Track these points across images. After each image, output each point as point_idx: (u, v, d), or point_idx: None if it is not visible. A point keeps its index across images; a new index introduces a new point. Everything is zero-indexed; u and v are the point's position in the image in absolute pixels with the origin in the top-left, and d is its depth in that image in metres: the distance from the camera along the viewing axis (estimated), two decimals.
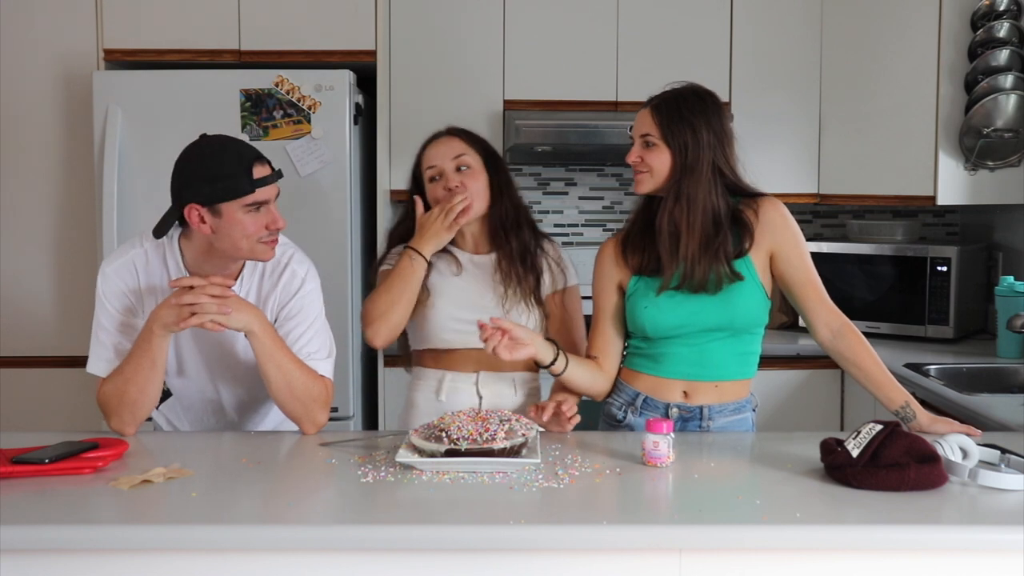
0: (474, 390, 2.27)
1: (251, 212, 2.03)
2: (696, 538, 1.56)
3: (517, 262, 2.27)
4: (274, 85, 3.27)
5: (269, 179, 2.05)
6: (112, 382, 2.05)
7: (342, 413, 3.34)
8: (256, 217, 2.04)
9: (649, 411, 2.18)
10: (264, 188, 2.04)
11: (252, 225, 2.04)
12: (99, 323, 2.12)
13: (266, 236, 2.06)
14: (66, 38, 3.40)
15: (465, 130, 2.35)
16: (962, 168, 3.53)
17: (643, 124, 2.15)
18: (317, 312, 2.18)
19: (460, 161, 2.26)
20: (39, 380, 3.42)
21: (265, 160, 2.07)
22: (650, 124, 2.13)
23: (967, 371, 3.16)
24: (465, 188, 2.23)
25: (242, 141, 2.10)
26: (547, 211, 4.14)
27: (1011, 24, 3.43)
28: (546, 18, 3.72)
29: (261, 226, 2.05)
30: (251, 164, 2.03)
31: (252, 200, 2.02)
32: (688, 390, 2.17)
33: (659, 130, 2.12)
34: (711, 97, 2.16)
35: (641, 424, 2.15)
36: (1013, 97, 3.41)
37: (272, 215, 2.06)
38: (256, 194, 2.02)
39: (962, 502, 1.69)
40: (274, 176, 2.07)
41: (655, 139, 2.12)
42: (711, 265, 2.08)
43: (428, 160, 2.29)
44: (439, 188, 2.25)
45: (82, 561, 1.57)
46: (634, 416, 2.19)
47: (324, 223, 3.29)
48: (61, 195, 3.42)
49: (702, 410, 2.17)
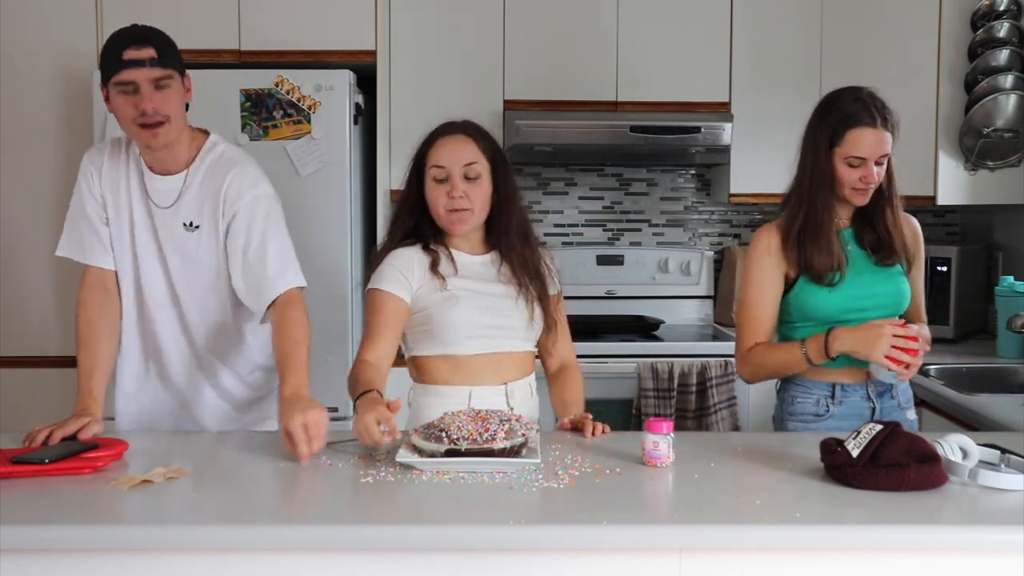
0: (504, 402, 2.18)
1: (124, 94, 2.09)
2: (696, 538, 1.56)
3: (520, 269, 2.23)
4: (274, 85, 3.27)
5: (137, 63, 2.07)
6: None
7: (342, 413, 3.33)
8: (128, 99, 2.09)
9: (848, 396, 2.26)
10: (131, 69, 2.07)
11: (124, 106, 2.10)
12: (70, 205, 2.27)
13: (139, 119, 2.10)
14: (66, 38, 3.40)
15: (478, 128, 2.24)
16: (962, 168, 3.54)
17: (885, 144, 2.21)
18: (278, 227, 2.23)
19: (470, 170, 2.16)
20: (39, 380, 3.41)
21: (149, 44, 2.09)
22: (888, 142, 2.21)
23: (967, 371, 3.16)
24: (467, 199, 2.16)
25: (140, 26, 2.16)
26: (547, 211, 4.14)
27: (1011, 24, 3.43)
28: (546, 18, 3.72)
29: (131, 106, 2.09)
30: (125, 46, 2.08)
31: (119, 79, 2.08)
32: (870, 370, 2.23)
33: (892, 141, 2.22)
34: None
35: (845, 414, 2.25)
36: (1013, 97, 3.41)
37: (142, 96, 2.08)
38: (121, 73, 2.07)
39: (962, 502, 1.69)
40: (146, 62, 2.07)
41: (890, 154, 2.23)
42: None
43: (437, 158, 2.18)
44: (442, 192, 2.16)
45: (82, 561, 1.57)
46: (836, 407, 2.26)
47: (324, 223, 3.29)
48: (61, 195, 3.41)
49: (889, 384, 2.26)
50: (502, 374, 2.19)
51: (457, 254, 2.22)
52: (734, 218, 4.17)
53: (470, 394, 2.16)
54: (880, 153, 2.20)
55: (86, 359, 2.16)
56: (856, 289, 2.25)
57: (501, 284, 2.21)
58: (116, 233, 2.25)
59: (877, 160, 2.21)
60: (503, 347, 2.19)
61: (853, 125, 2.19)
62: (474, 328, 2.16)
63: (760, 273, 2.28)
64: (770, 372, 2.31)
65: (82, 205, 2.25)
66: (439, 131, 2.23)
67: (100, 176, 2.25)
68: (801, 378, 2.30)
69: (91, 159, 2.28)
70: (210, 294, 2.27)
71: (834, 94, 2.29)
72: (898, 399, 2.31)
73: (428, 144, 2.22)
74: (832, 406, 2.27)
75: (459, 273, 2.20)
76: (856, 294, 2.24)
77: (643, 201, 4.17)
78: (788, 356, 2.24)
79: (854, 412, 2.26)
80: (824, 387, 2.28)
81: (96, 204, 2.25)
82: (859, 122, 2.19)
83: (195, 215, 2.23)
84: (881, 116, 2.20)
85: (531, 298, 2.21)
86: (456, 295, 2.16)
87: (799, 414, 2.29)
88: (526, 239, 2.26)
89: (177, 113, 2.15)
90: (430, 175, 2.18)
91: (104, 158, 2.27)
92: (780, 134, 3.78)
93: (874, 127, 2.19)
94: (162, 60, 2.10)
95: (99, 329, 2.20)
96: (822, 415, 2.27)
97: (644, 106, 3.69)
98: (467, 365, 2.17)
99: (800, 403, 2.30)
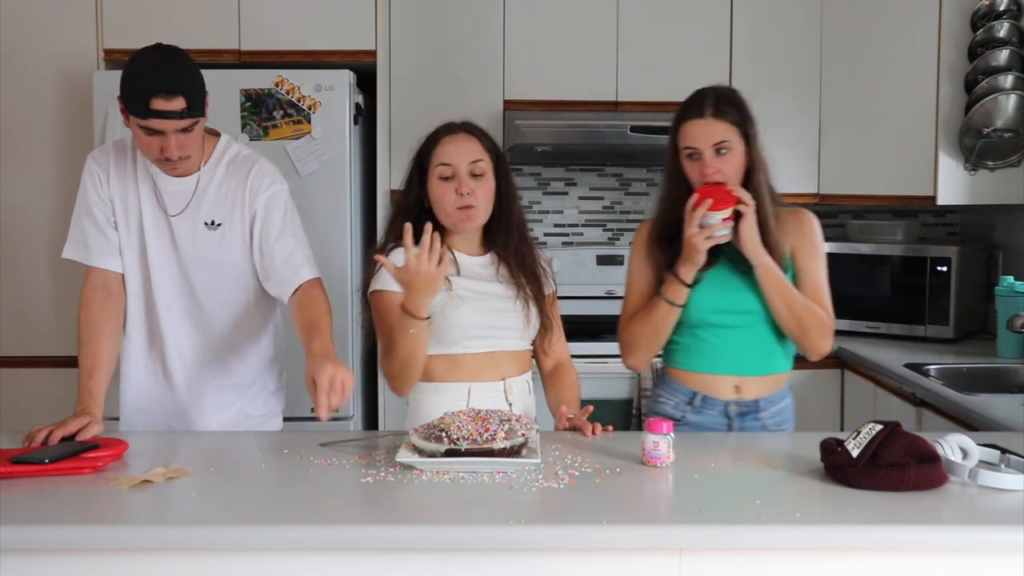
0: (503, 398, 2.20)
1: (148, 134, 2.10)
2: (696, 538, 1.56)
3: (518, 270, 2.23)
4: (274, 85, 3.27)
5: (166, 115, 2.06)
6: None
7: (342, 413, 3.34)
8: (153, 139, 2.10)
9: (707, 408, 2.24)
10: (159, 120, 2.06)
11: (147, 144, 2.12)
12: (75, 208, 2.27)
13: (161, 158, 2.13)
14: (66, 38, 3.40)
15: (480, 129, 2.25)
16: (962, 168, 3.53)
17: (715, 132, 2.14)
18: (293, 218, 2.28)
19: (476, 167, 2.17)
20: (39, 380, 3.42)
21: (179, 94, 2.05)
22: (725, 129, 2.14)
23: (967, 371, 3.16)
24: (475, 196, 2.16)
25: (171, 73, 2.08)
26: (547, 211, 4.14)
27: (1011, 24, 3.43)
28: (546, 18, 3.73)
29: (156, 148, 2.11)
30: (154, 94, 2.03)
31: (144, 125, 2.08)
32: (740, 384, 2.22)
33: (736, 130, 2.15)
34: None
35: (700, 423, 2.23)
36: (1013, 97, 3.40)
37: (166, 142, 2.10)
38: (148, 121, 2.07)
39: (962, 502, 1.68)
40: (173, 114, 2.06)
41: (733, 141, 2.15)
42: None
43: (444, 156, 2.17)
44: (450, 189, 2.16)
45: (82, 561, 1.57)
46: (693, 415, 2.24)
47: (324, 223, 3.29)
48: (61, 195, 3.42)
49: (757, 403, 2.23)
50: (500, 371, 2.19)
51: (457, 254, 2.23)
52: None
53: (469, 390, 2.16)
54: (712, 141, 2.14)
55: (87, 359, 2.17)
56: (725, 289, 2.21)
57: (500, 284, 2.22)
58: (125, 235, 2.26)
59: (718, 151, 2.15)
60: (501, 346, 2.19)
61: (684, 120, 2.18)
62: (474, 329, 2.16)
63: (634, 268, 2.30)
64: (646, 332, 2.24)
65: (88, 207, 2.26)
66: (442, 131, 2.23)
67: (108, 178, 2.26)
68: (671, 378, 2.29)
69: (96, 161, 2.28)
70: (233, 288, 2.29)
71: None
72: (764, 421, 2.25)
73: (432, 143, 2.22)
74: (688, 413, 2.25)
75: (460, 274, 2.20)
76: (726, 294, 2.21)
77: (643, 201, 4.16)
78: (653, 307, 2.22)
79: (709, 424, 2.23)
80: (686, 392, 2.26)
81: (104, 206, 2.26)
82: (687, 116, 2.17)
83: (217, 213, 2.25)
84: (713, 107, 2.15)
85: (528, 298, 2.21)
86: (461, 296, 2.16)
87: (659, 413, 2.28)
88: (524, 238, 2.27)
89: (197, 148, 2.20)
90: (436, 173, 2.18)
91: (111, 161, 2.27)
92: (780, 134, 3.81)
93: (701, 117, 2.15)
94: (191, 111, 2.09)
95: (101, 330, 2.21)
96: (678, 420, 2.24)
97: (644, 106, 3.70)
98: (465, 363, 2.17)
99: (662, 403, 2.29)
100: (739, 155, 2.17)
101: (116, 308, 2.26)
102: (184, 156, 2.14)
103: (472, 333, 2.16)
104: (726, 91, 2.22)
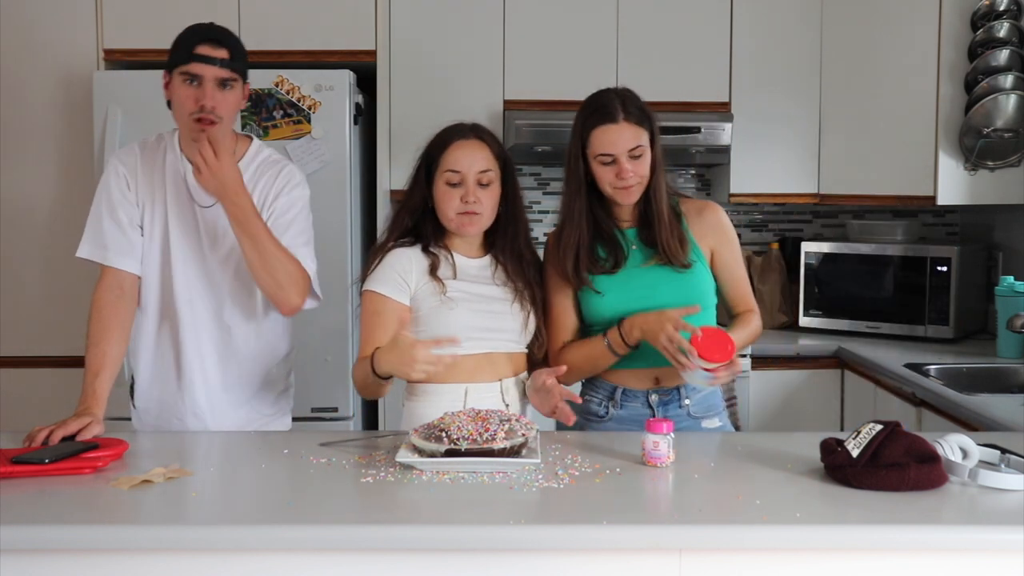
0: (500, 399, 2.20)
1: (187, 84, 2.16)
2: (696, 538, 1.56)
3: (515, 272, 2.23)
4: (274, 85, 3.27)
5: (209, 59, 2.15)
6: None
7: (342, 413, 3.34)
8: (189, 90, 2.16)
9: (629, 401, 2.24)
10: (201, 64, 2.15)
11: (184, 95, 2.17)
12: (94, 207, 2.27)
13: (196, 112, 2.16)
14: (66, 38, 3.41)
15: (490, 133, 2.25)
16: (962, 168, 3.53)
17: (630, 137, 2.15)
18: (307, 221, 2.34)
19: (484, 177, 2.17)
20: (39, 380, 3.42)
21: (224, 46, 2.18)
22: (637, 134, 2.16)
23: (967, 371, 3.16)
24: (480, 204, 2.16)
25: (219, 27, 2.24)
26: (547, 211, 4.14)
27: (1011, 24, 3.43)
28: (546, 18, 3.73)
29: (192, 99, 2.16)
30: (200, 42, 2.16)
31: (186, 69, 2.15)
32: (659, 376, 2.23)
33: (646, 133, 2.18)
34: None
35: (625, 417, 2.22)
36: (1013, 97, 3.41)
37: (205, 91, 2.15)
38: (190, 65, 2.15)
39: (962, 502, 1.68)
40: (217, 60, 2.16)
41: (645, 144, 2.17)
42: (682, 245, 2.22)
43: (453, 163, 2.17)
44: (455, 195, 2.15)
45: (82, 561, 1.57)
46: (616, 410, 2.24)
47: (324, 223, 3.26)
48: (61, 195, 3.42)
49: (679, 390, 2.23)
50: (497, 371, 2.19)
51: (456, 256, 2.23)
52: (734, 218, 4.16)
53: (466, 391, 2.16)
54: (628, 147, 2.15)
55: (94, 359, 2.16)
56: (634, 290, 2.20)
57: (497, 287, 2.22)
58: (148, 235, 2.26)
59: (632, 155, 2.16)
60: (497, 348, 2.19)
61: (595, 125, 2.18)
62: (470, 331, 2.15)
63: (552, 288, 2.27)
64: (582, 368, 2.26)
65: (112, 207, 2.24)
66: (452, 134, 2.21)
67: (136, 178, 2.26)
68: (596, 377, 2.29)
69: (123, 161, 2.28)
70: (253, 287, 2.28)
71: (587, 98, 2.26)
72: (688, 408, 2.24)
73: (441, 147, 2.20)
74: (612, 408, 2.25)
75: (457, 276, 2.20)
76: (634, 296, 2.20)
77: None
78: (593, 348, 2.22)
79: (633, 416, 2.22)
80: (607, 388, 2.27)
81: (130, 207, 2.25)
82: (600, 121, 2.17)
83: None
84: (624, 110, 2.16)
85: (526, 301, 2.21)
86: (454, 299, 2.16)
87: (585, 413, 2.28)
88: (527, 244, 2.28)
89: (229, 116, 2.23)
90: (443, 178, 2.17)
91: (137, 160, 2.28)
92: (780, 134, 3.82)
93: (615, 123, 2.16)
94: (232, 63, 2.19)
95: (111, 331, 2.20)
96: (603, 416, 2.25)
97: None
98: (462, 365, 2.16)
99: (587, 402, 2.28)
100: (649, 157, 2.18)
101: (128, 310, 2.25)
102: (216, 118, 2.16)
103: (468, 335, 2.15)
104: (630, 93, 2.22)
